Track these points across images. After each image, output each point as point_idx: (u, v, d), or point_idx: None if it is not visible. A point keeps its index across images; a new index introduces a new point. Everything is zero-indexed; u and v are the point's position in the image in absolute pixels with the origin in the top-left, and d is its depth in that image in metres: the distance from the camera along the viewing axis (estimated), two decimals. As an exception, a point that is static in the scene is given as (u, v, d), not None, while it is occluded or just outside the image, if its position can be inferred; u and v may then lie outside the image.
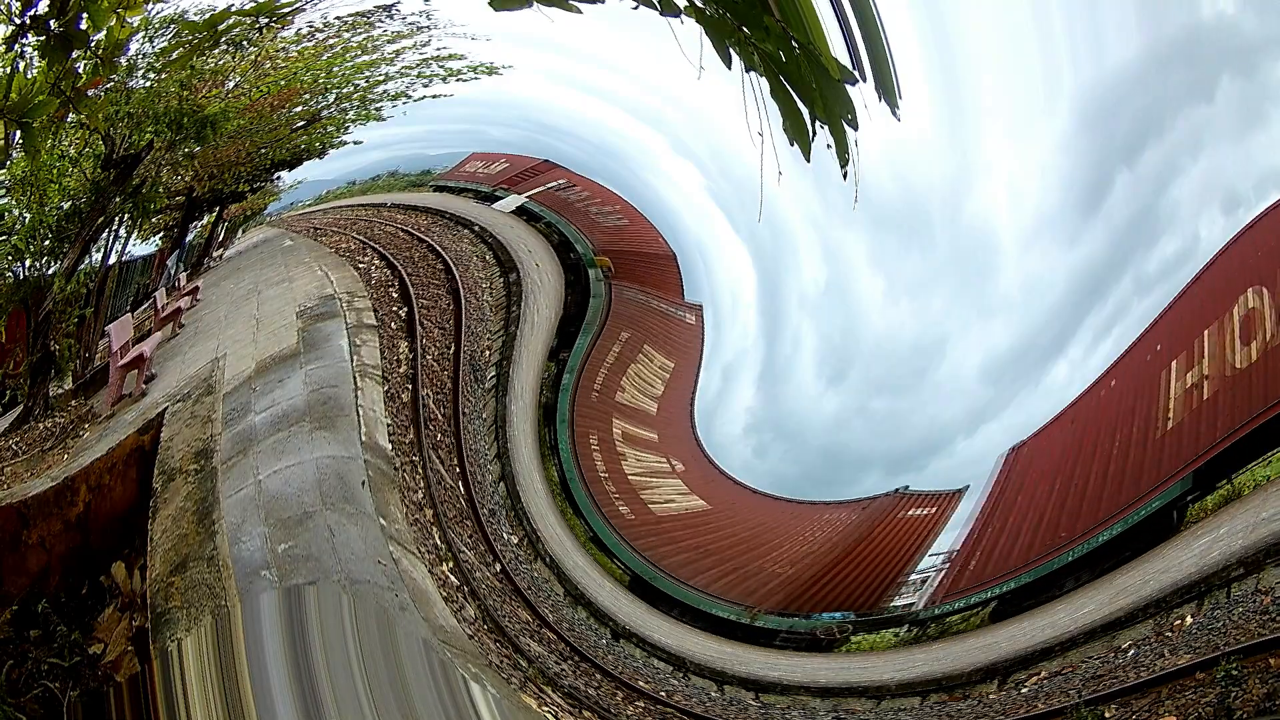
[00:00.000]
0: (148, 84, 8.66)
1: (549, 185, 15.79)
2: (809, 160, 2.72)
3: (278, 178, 13.85)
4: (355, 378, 7.73)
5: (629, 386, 14.89)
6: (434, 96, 12.21)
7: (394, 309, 10.97)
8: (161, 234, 11.98)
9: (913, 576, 12.97)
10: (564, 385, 14.03)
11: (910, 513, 13.90)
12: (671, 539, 13.92)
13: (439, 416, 9.84)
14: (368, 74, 11.78)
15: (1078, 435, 13.30)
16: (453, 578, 7.07)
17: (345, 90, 11.90)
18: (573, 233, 15.43)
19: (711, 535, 14.31)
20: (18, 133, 4.00)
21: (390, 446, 7.30)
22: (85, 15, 3.67)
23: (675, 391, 15.63)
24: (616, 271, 15.18)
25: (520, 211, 15.73)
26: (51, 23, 3.62)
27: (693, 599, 12.85)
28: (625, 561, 12.95)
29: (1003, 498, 13.40)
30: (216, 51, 9.33)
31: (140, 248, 11.28)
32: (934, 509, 13.86)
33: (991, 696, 9.07)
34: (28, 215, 8.34)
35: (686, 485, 14.77)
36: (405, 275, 12.02)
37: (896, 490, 14.34)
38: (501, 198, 16.08)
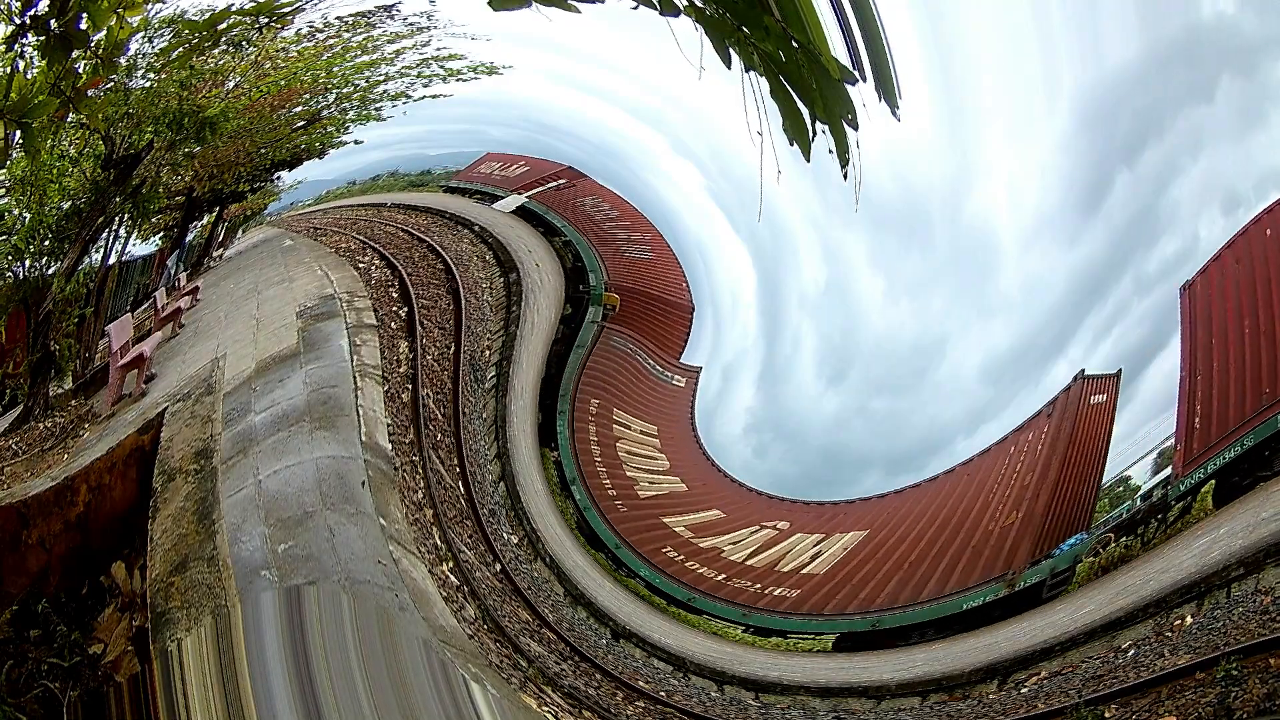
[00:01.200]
0: (148, 84, 8.66)
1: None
2: (809, 160, 2.72)
3: (278, 178, 13.84)
4: (355, 378, 7.73)
5: (638, 475, 14.01)
6: (434, 96, 12.22)
7: (394, 309, 10.97)
8: (161, 234, 11.98)
9: (1136, 464, 11.83)
10: (583, 505, 13.03)
11: (1094, 400, 12.80)
12: (865, 580, 12.78)
13: (439, 416, 9.84)
14: (368, 74, 11.77)
15: (1250, 273, 12.09)
16: (453, 578, 7.08)
17: (345, 90, 11.89)
18: (591, 260, 14.80)
19: (904, 549, 13.13)
20: (18, 133, 4.00)
21: (390, 446, 7.30)
22: (85, 15, 3.67)
23: (682, 455, 14.74)
24: (621, 312, 14.51)
25: (542, 227, 15.09)
26: (51, 23, 3.62)
27: (940, 609, 11.66)
28: (823, 629, 12.01)
29: (1196, 347, 12.07)
30: (216, 51, 9.33)
31: (140, 248, 11.29)
32: (1109, 392, 12.82)
33: (991, 696, 9.07)
34: (28, 215, 8.34)
35: (815, 533, 13.74)
36: (405, 275, 12.02)
37: (1078, 376, 13.17)
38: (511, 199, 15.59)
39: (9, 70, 4.01)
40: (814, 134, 2.71)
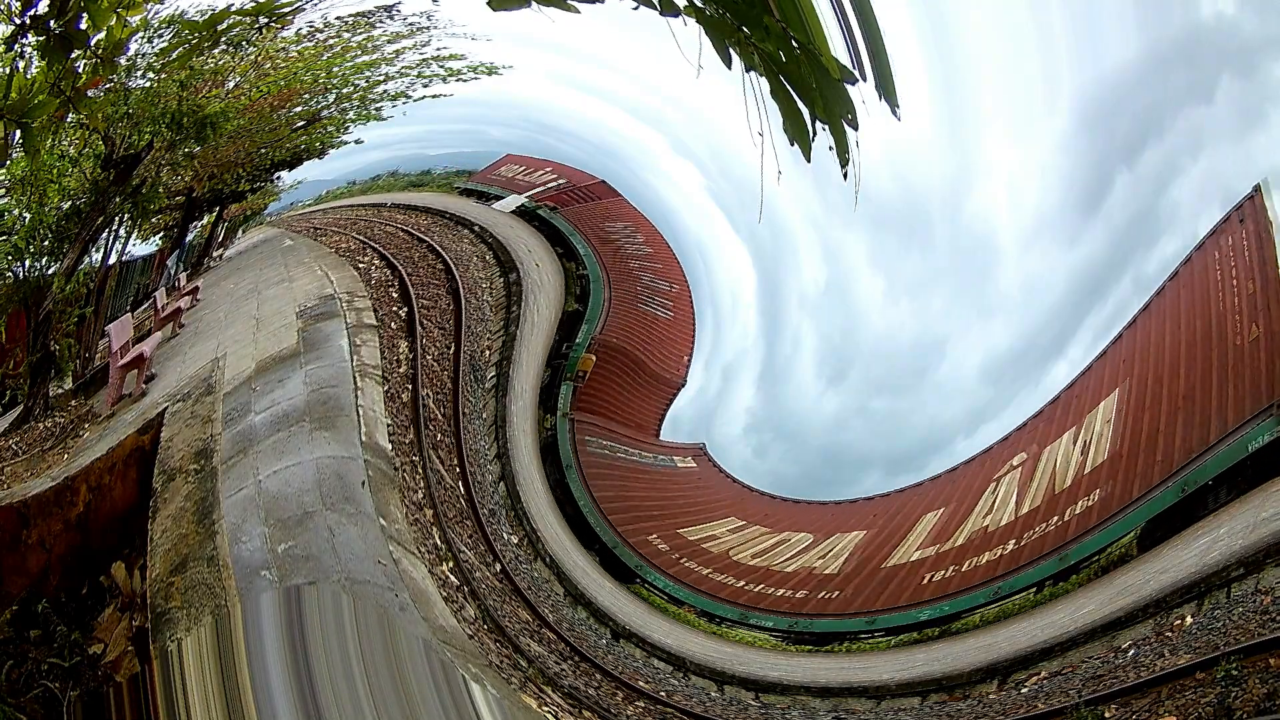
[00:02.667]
0: (147, 84, 8.65)
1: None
2: (809, 160, 2.72)
3: (278, 178, 13.84)
4: (355, 378, 7.73)
5: (800, 560, 12.36)
6: (434, 96, 12.22)
7: (394, 309, 10.97)
8: (161, 234, 11.98)
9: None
10: (792, 625, 11.48)
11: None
12: (1152, 440, 11.04)
13: (439, 416, 9.84)
14: (368, 74, 11.77)
15: None
16: (453, 578, 7.07)
17: (345, 90, 11.89)
18: (595, 307, 13.37)
19: (1167, 390, 11.50)
20: (18, 133, 4.00)
21: (390, 446, 7.30)
22: (85, 15, 3.67)
23: (803, 518, 13.27)
24: (591, 381, 12.81)
25: (560, 248, 13.77)
26: (51, 23, 3.62)
27: (1230, 453, 9.86)
28: (1136, 520, 10.37)
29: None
30: (216, 51, 9.33)
31: (140, 248, 11.29)
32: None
33: (991, 696, 9.07)
34: (28, 215, 8.34)
35: (1055, 440, 12.24)
36: (405, 275, 12.02)
37: (1256, 187, 11.87)
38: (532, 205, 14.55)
39: (9, 70, 4.01)
40: (814, 134, 2.71)
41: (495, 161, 15.75)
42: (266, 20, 8.82)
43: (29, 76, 4.02)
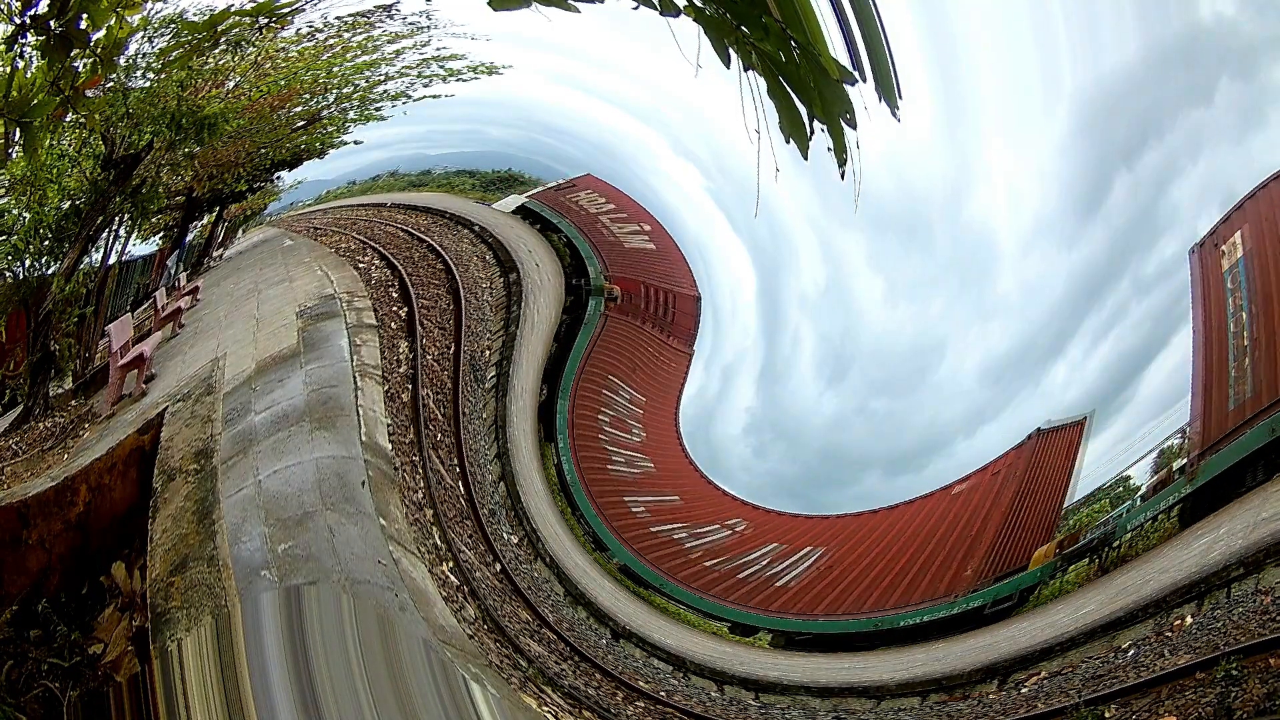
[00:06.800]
0: (147, 84, 8.66)
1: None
2: (806, 158, 2.73)
3: (278, 178, 13.84)
4: (355, 377, 7.73)
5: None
6: (434, 96, 12.20)
7: (394, 309, 10.97)
8: (161, 234, 11.99)
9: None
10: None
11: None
12: None
13: (439, 416, 9.84)
14: (368, 74, 11.78)
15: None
16: (453, 578, 7.07)
17: (345, 90, 11.90)
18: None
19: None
20: (18, 131, 4.00)
21: (390, 446, 7.30)
22: (85, 15, 3.68)
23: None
24: None
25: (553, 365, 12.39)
26: (51, 22, 3.62)
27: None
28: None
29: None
30: (216, 51, 9.33)
31: (140, 248, 11.29)
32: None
33: (991, 696, 9.07)
34: (28, 215, 8.35)
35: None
36: (405, 275, 12.02)
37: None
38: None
39: (9, 69, 4.01)
40: (812, 133, 2.71)
41: (571, 180, 14.98)
42: (266, 20, 8.82)
43: (28, 76, 4.02)
